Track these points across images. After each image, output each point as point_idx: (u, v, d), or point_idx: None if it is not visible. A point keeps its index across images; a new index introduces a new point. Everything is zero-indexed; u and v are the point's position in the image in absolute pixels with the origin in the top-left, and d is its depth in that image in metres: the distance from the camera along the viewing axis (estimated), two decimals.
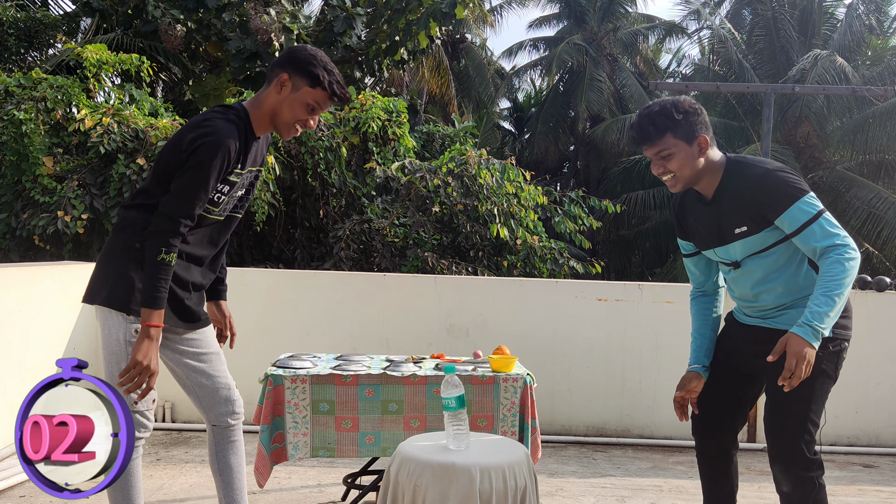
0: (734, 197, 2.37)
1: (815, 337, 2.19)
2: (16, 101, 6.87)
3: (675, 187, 2.45)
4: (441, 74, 18.95)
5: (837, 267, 2.21)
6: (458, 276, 6.06)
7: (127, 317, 2.29)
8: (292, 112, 2.35)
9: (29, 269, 4.32)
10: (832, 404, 5.12)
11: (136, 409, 2.34)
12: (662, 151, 2.37)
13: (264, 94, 2.38)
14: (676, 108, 2.35)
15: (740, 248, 2.40)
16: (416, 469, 2.35)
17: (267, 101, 2.37)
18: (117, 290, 2.29)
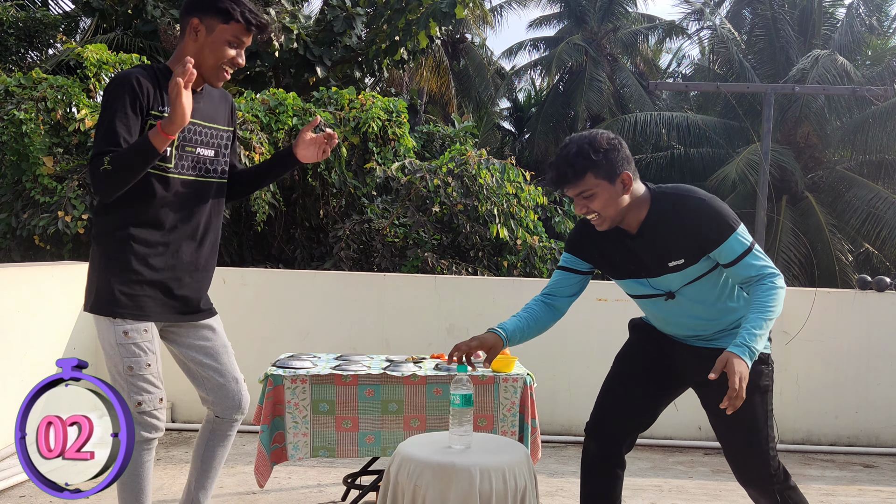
0: (668, 229, 2.30)
1: (751, 357, 2.19)
2: (16, 100, 6.87)
3: (602, 226, 2.33)
4: (441, 74, 18.95)
5: (770, 293, 2.24)
6: (458, 276, 6.06)
7: (113, 320, 2.29)
8: (215, 55, 2.28)
9: (29, 269, 4.32)
10: (832, 404, 5.15)
11: (143, 410, 2.32)
12: (585, 192, 2.27)
13: (181, 46, 2.32)
14: (594, 147, 2.25)
15: (678, 279, 2.34)
16: (416, 469, 2.34)
17: (186, 52, 2.29)
18: (100, 296, 2.29)
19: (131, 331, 2.29)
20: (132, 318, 2.30)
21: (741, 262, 2.27)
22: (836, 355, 5.02)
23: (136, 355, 2.30)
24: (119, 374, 2.31)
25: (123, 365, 2.29)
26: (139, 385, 2.31)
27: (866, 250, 16.15)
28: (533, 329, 2.57)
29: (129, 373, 2.30)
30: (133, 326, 2.29)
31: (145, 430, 2.35)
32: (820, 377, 5.02)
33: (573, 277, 2.58)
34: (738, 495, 3.94)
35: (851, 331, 5.01)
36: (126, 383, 2.30)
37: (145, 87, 2.22)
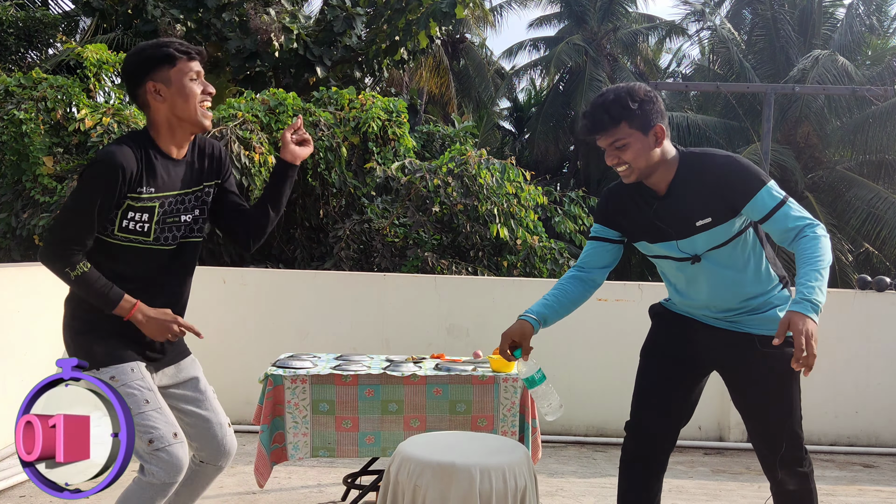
0: (696, 188, 2.27)
1: (815, 311, 2.07)
2: (16, 100, 6.87)
3: (629, 178, 2.31)
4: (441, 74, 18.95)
5: (815, 243, 2.14)
6: (458, 276, 6.06)
7: (96, 371, 2.18)
8: (187, 99, 2.21)
9: (29, 269, 4.32)
10: (832, 404, 5.14)
11: (157, 448, 2.15)
12: (617, 142, 2.25)
13: (150, 114, 2.23)
14: (632, 97, 2.23)
15: (704, 241, 2.29)
16: (416, 469, 2.34)
17: (158, 115, 2.22)
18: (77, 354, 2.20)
19: (118, 374, 2.18)
20: (114, 363, 2.20)
21: (776, 214, 2.19)
22: (836, 355, 5.02)
23: (130, 396, 2.16)
24: None
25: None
26: (143, 424, 2.14)
27: (866, 250, 16.15)
28: (566, 306, 2.60)
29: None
30: (118, 369, 2.19)
31: (167, 471, 2.16)
32: (820, 377, 5.02)
33: (605, 246, 2.53)
34: (737, 495, 3.95)
35: (851, 331, 5.01)
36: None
37: (129, 172, 2.13)
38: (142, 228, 2.22)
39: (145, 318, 2.20)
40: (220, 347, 4.94)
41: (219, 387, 5.35)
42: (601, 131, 2.26)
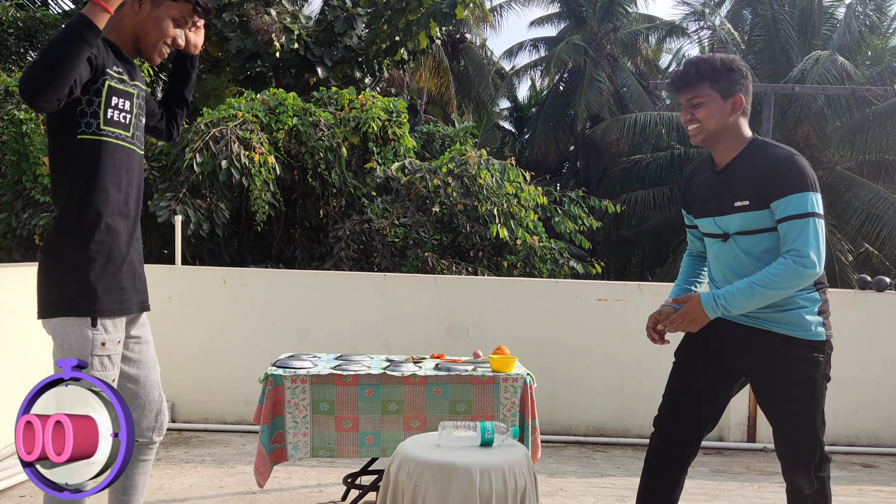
0: (749, 170, 2.32)
1: (713, 312, 2.24)
2: (16, 100, 6.87)
3: (696, 138, 2.40)
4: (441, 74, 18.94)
5: (784, 268, 2.20)
6: (458, 276, 6.06)
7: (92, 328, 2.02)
8: (158, 30, 2.14)
9: (29, 269, 4.32)
10: (832, 404, 5.13)
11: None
12: (695, 99, 2.35)
13: (119, 16, 2.11)
14: (724, 63, 2.36)
15: (737, 222, 2.34)
16: (416, 469, 2.35)
17: (126, 23, 2.13)
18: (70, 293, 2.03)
19: (108, 342, 2.05)
20: (111, 315, 2.05)
21: (790, 222, 2.22)
22: (836, 355, 4.99)
23: (106, 369, 2.05)
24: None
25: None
26: None
27: (866, 250, 16.14)
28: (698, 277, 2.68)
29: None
30: (110, 337, 2.05)
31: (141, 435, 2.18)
32: None
33: (693, 231, 2.67)
34: (737, 495, 3.95)
35: (851, 331, 5.01)
36: None
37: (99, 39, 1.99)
38: (124, 119, 2.11)
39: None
40: (221, 347, 4.94)
41: (219, 386, 5.35)
42: (684, 86, 2.36)
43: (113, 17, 2.04)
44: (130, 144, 2.15)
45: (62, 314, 2.03)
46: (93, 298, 2.03)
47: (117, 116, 2.08)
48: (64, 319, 2.02)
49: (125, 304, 2.13)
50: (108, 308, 2.07)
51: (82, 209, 2.05)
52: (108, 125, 2.06)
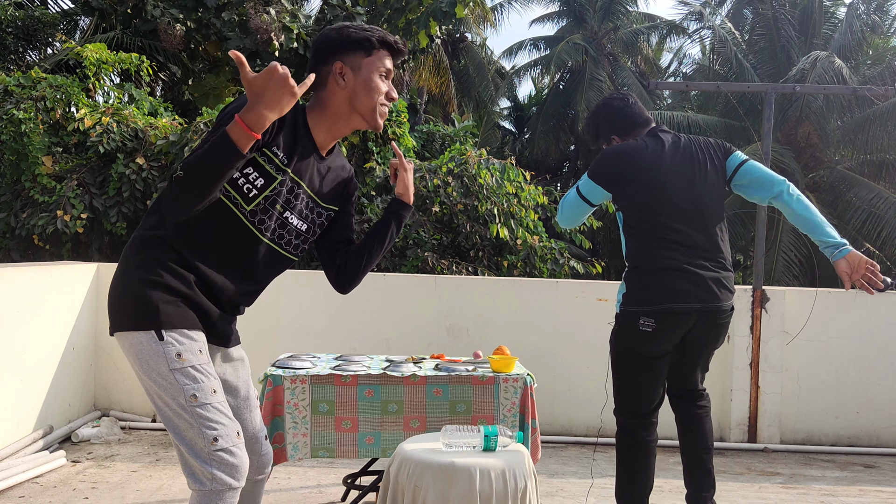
0: None
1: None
2: (15, 100, 6.86)
3: None
4: (441, 74, 18.94)
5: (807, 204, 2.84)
6: (458, 276, 6.05)
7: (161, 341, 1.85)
8: (370, 94, 2.00)
9: (29, 269, 4.31)
10: (833, 405, 5.13)
11: (221, 447, 1.84)
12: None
13: (322, 95, 2.01)
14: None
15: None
16: (416, 469, 2.34)
17: (334, 100, 2.00)
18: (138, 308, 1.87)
19: (185, 352, 1.85)
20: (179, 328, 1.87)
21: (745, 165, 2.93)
22: (837, 355, 5.02)
23: (197, 381, 1.84)
24: (180, 407, 1.83)
25: (185, 395, 1.83)
26: (210, 416, 1.84)
27: (867, 250, 16.13)
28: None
29: (193, 403, 1.83)
30: (186, 347, 1.86)
31: (230, 474, 1.84)
32: (820, 377, 5.02)
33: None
34: (738, 495, 3.94)
35: (852, 331, 5.00)
36: (193, 417, 1.83)
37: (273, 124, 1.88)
38: (248, 190, 1.92)
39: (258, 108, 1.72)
40: None
41: None
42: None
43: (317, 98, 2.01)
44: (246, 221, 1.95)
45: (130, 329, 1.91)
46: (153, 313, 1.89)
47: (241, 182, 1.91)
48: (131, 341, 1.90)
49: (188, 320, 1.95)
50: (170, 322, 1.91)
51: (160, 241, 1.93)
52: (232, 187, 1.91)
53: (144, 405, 4.99)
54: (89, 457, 4.21)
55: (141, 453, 4.32)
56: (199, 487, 1.83)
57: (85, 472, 3.92)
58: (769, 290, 5.03)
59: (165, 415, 1.87)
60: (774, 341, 4.96)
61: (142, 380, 1.90)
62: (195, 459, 1.83)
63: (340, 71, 1.99)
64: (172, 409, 1.85)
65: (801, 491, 4.09)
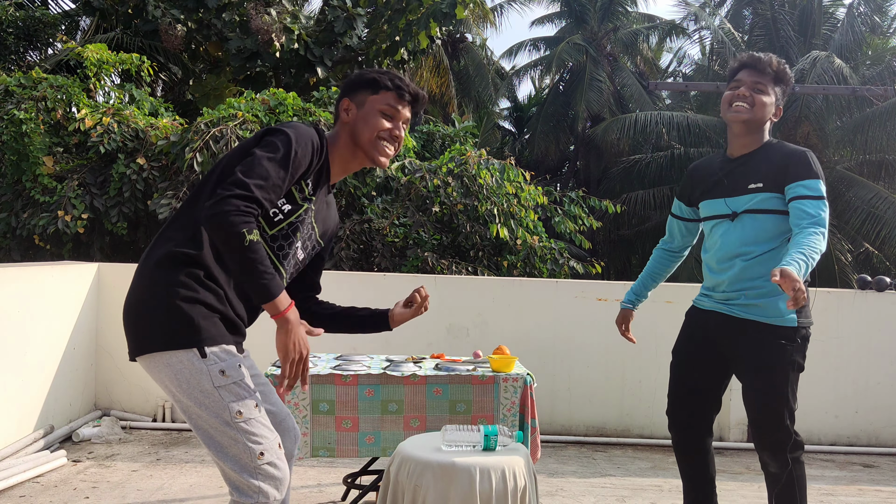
0: (764, 159, 2.61)
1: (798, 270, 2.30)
2: (16, 100, 6.87)
3: (741, 115, 2.60)
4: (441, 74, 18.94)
5: (817, 238, 2.39)
6: (458, 276, 6.06)
7: (203, 359, 1.84)
8: (368, 126, 2.07)
9: (29, 269, 4.32)
10: (832, 404, 5.14)
11: (268, 461, 1.87)
12: (759, 85, 2.62)
13: (335, 131, 2.12)
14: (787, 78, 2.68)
15: (746, 201, 2.60)
16: (416, 469, 2.35)
17: (341, 134, 2.11)
18: (175, 326, 1.84)
19: (228, 368, 1.86)
20: (220, 343, 1.88)
21: (807, 201, 2.47)
22: (836, 355, 5.02)
23: (241, 397, 1.86)
24: (224, 424, 1.84)
25: (230, 412, 1.83)
26: (255, 431, 1.85)
27: (866, 250, 16.14)
28: (657, 277, 3.05)
29: (238, 419, 1.84)
30: (228, 363, 1.87)
31: (274, 485, 1.87)
32: (820, 377, 5.02)
33: (679, 223, 2.97)
34: (737, 495, 3.95)
35: (851, 331, 5.01)
36: (238, 432, 1.84)
37: (313, 152, 1.94)
38: (274, 215, 1.96)
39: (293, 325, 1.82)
40: None
41: None
42: (758, 70, 2.63)
43: (332, 132, 2.13)
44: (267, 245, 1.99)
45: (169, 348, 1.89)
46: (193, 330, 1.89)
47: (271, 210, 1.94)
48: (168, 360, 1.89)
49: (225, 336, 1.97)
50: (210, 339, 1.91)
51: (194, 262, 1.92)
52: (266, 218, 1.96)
53: (145, 405, 5.00)
54: (90, 456, 4.21)
55: (142, 453, 4.33)
56: (247, 500, 1.85)
57: (86, 472, 3.93)
58: None
59: (206, 433, 1.87)
60: None
61: (178, 400, 1.89)
62: (241, 474, 1.85)
63: (346, 106, 2.11)
64: (214, 426, 1.85)
65: None
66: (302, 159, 1.90)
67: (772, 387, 2.55)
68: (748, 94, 2.60)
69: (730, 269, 2.62)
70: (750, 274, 2.57)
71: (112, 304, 4.94)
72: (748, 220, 2.58)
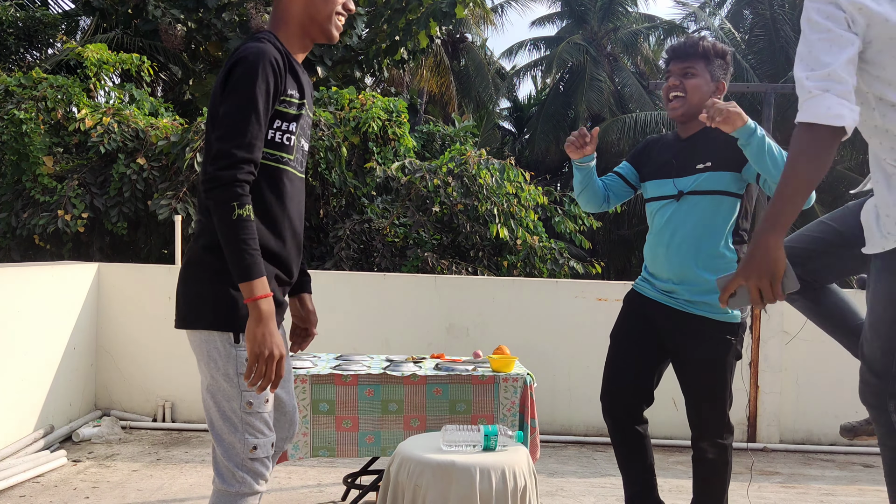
0: (712, 140, 2.61)
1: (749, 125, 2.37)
2: (16, 100, 6.87)
3: (677, 111, 2.65)
4: (441, 74, 18.95)
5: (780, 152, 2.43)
6: (458, 276, 6.06)
7: (235, 344, 1.89)
8: (325, 2, 1.99)
9: (29, 269, 4.32)
10: (832, 405, 5.13)
11: (256, 457, 1.90)
12: (689, 69, 2.63)
13: (282, 8, 2.00)
14: (721, 50, 2.66)
15: (692, 181, 2.61)
16: (416, 469, 2.35)
17: (292, 11, 1.99)
18: (220, 308, 1.89)
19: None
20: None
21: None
22: (836, 355, 5.00)
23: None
24: (232, 411, 1.90)
25: (242, 401, 1.89)
26: (256, 425, 1.90)
27: None
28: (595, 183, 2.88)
29: (246, 410, 1.89)
30: None
31: (256, 480, 1.91)
32: (820, 377, 5.02)
33: (619, 182, 2.90)
34: (737, 495, 3.94)
35: None
36: (241, 422, 1.89)
37: (280, 69, 1.88)
38: (288, 141, 1.93)
39: (265, 316, 1.79)
40: None
41: None
42: (683, 56, 2.65)
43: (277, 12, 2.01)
44: (293, 169, 2.00)
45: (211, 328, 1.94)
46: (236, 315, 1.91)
47: (279, 137, 1.92)
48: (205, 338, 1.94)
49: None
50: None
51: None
52: (268, 147, 1.91)
53: (145, 405, 5.00)
54: (90, 456, 4.21)
55: (141, 453, 4.33)
56: (226, 488, 1.89)
57: (86, 472, 3.93)
58: None
59: (213, 414, 1.93)
60: (773, 341, 4.97)
61: (204, 376, 1.95)
62: (228, 462, 1.89)
63: None
64: (223, 410, 1.90)
65: (800, 490, 4.10)
66: (269, 88, 1.85)
67: (717, 380, 2.62)
68: (678, 82, 2.63)
69: (674, 260, 2.63)
70: (693, 268, 2.59)
71: (112, 304, 4.94)
72: (694, 203, 2.59)
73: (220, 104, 1.86)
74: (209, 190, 1.77)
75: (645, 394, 2.79)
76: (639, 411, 2.80)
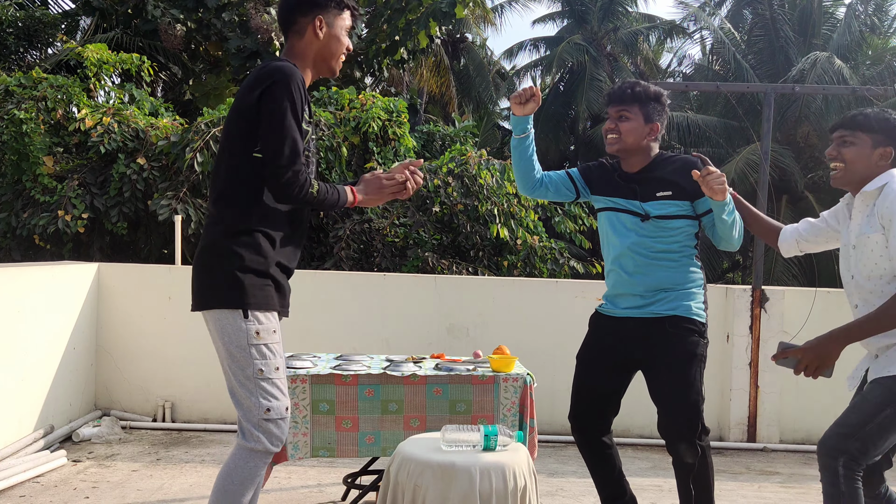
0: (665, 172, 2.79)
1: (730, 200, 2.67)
2: (16, 100, 6.88)
3: (612, 147, 2.81)
4: (441, 74, 18.95)
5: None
6: (458, 276, 6.06)
7: (245, 319, 2.19)
8: (339, 46, 2.35)
9: (30, 269, 4.33)
10: (832, 405, 5.12)
11: (270, 418, 2.20)
12: (624, 112, 2.77)
13: (302, 46, 2.32)
14: (651, 93, 2.80)
15: (659, 206, 2.75)
16: (416, 469, 2.35)
17: (310, 49, 2.32)
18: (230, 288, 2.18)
19: (262, 331, 2.19)
20: (262, 309, 2.20)
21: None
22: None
23: (266, 357, 2.20)
24: (247, 378, 2.18)
25: (253, 368, 2.18)
26: (269, 390, 2.19)
27: None
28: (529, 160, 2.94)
29: (259, 376, 2.18)
30: (264, 326, 2.20)
31: (270, 440, 2.21)
32: (820, 377, 5.01)
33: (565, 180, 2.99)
34: (737, 495, 3.95)
35: None
36: (256, 387, 2.18)
37: (304, 91, 2.22)
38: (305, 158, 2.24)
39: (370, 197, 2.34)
40: None
41: (219, 386, 5.33)
42: (617, 101, 2.79)
43: (293, 49, 2.33)
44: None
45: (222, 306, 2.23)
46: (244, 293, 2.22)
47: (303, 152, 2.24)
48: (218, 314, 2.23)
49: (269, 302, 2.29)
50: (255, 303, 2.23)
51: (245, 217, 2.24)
52: None
53: (145, 405, 5.00)
54: (90, 456, 4.22)
55: (141, 453, 4.33)
56: (246, 444, 2.20)
57: (86, 472, 3.93)
58: (768, 289, 5.04)
59: (232, 382, 2.21)
60: (774, 341, 4.97)
61: (219, 350, 2.24)
62: (247, 423, 2.20)
63: (319, 24, 2.31)
64: (239, 378, 2.19)
65: (800, 490, 4.10)
66: (298, 104, 2.18)
67: (687, 380, 2.69)
68: (613, 125, 2.78)
69: (647, 275, 2.74)
70: (666, 281, 2.73)
71: (112, 303, 4.94)
72: (661, 224, 2.73)
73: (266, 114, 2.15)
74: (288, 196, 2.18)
75: (611, 411, 2.91)
76: (606, 426, 2.93)
